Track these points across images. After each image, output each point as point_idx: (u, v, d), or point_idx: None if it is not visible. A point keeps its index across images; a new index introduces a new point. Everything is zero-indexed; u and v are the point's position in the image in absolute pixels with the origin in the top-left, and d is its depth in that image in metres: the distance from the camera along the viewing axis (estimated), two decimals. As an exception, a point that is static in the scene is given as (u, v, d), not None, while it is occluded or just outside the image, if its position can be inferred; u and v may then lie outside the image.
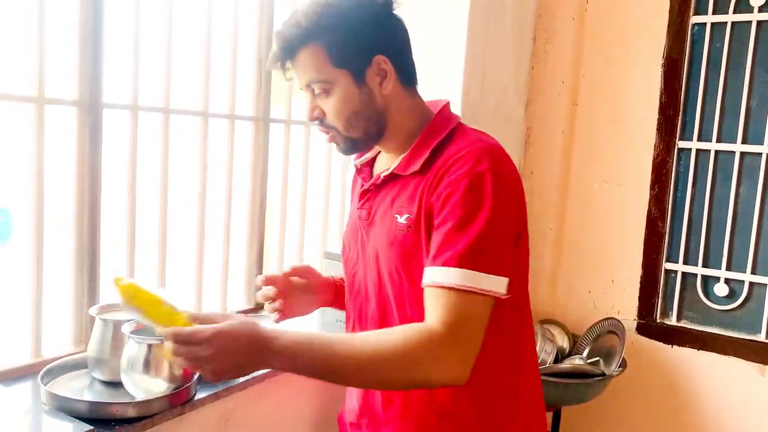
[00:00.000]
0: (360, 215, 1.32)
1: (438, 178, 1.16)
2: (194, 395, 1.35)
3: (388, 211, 1.25)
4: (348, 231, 1.41)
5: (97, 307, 1.41)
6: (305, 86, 1.19)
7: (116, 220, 1.65)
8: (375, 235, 1.28)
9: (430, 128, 1.24)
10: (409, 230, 1.20)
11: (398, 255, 1.22)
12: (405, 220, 1.20)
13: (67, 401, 1.21)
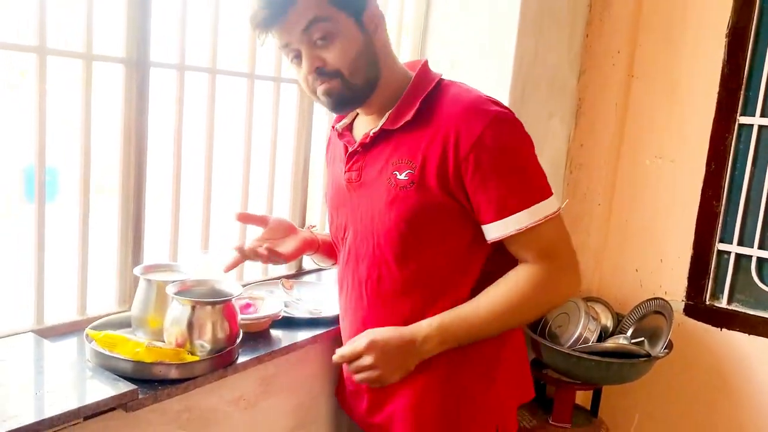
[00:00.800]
0: (349, 179, 1.30)
1: (454, 140, 1.16)
2: (236, 358, 1.34)
3: (383, 170, 1.23)
4: (333, 198, 1.39)
5: (141, 267, 1.41)
6: (303, 30, 1.14)
7: (161, 179, 1.64)
8: (368, 196, 1.27)
9: (414, 83, 1.24)
10: (412, 185, 1.20)
11: (401, 212, 1.21)
12: (406, 176, 1.20)
13: (111, 359, 1.21)
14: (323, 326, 1.57)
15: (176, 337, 1.27)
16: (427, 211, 1.21)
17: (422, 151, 1.19)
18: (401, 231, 1.23)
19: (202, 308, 1.27)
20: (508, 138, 1.18)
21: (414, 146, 1.21)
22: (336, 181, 1.38)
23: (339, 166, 1.37)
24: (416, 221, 1.22)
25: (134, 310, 1.38)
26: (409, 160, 1.20)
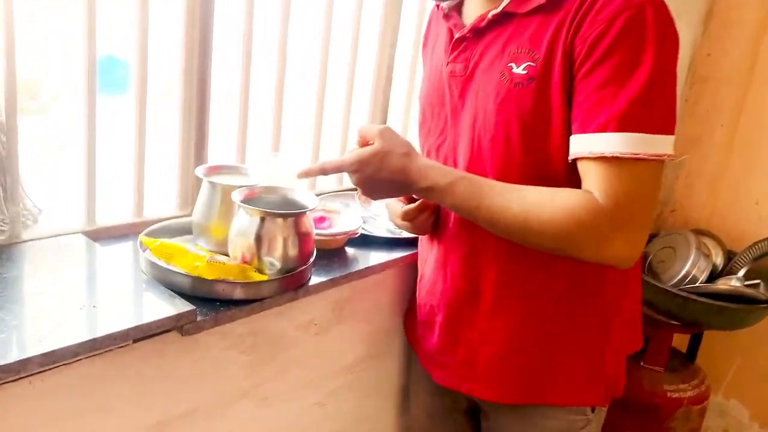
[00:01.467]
0: (452, 72, 1.07)
1: (580, 15, 0.91)
2: (309, 279, 1.16)
3: (497, 60, 1.00)
4: (429, 95, 1.16)
5: (204, 168, 1.22)
6: None
7: (229, 68, 1.43)
8: (476, 92, 1.03)
9: None
10: (531, 82, 0.96)
11: (512, 114, 0.98)
12: (525, 69, 0.97)
13: (167, 272, 1.05)
14: (403, 248, 1.38)
15: (242, 252, 1.09)
16: (542, 118, 0.97)
17: (548, 40, 0.94)
18: (507, 139, 1.00)
19: (272, 220, 1.08)
20: (652, 33, 0.88)
21: (539, 33, 0.96)
22: (434, 75, 1.15)
23: (440, 57, 1.13)
24: (527, 129, 0.98)
25: (195, 216, 1.21)
26: (531, 49, 0.96)
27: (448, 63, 1.08)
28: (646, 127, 0.88)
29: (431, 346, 1.22)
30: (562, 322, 1.10)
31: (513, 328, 1.11)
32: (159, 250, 1.07)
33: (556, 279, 1.08)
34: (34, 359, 0.81)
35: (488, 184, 0.98)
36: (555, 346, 1.11)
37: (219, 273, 1.03)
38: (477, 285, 1.12)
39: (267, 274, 1.09)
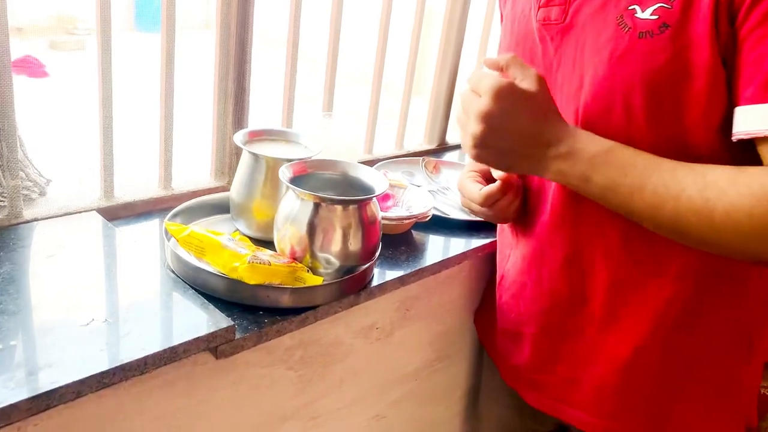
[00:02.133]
0: (546, 17, 0.82)
1: None
2: (371, 280, 0.93)
3: (608, 5, 0.76)
4: (507, 49, 0.90)
5: (244, 133, 0.99)
6: None
7: (271, 15, 1.17)
8: (580, 46, 0.78)
9: None
10: (664, 31, 0.71)
11: (635, 74, 0.73)
12: (654, 13, 0.72)
13: (199, 272, 0.83)
14: (482, 233, 1.14)
15: (291, 244, 0.86)
16: (679, 79, 0.71)
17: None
18: (628, 109, 0.74)
19: (330, 208, 0.85)
20: None
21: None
22: (520, 25, 0.88)
23: (527, 2, 0.86)
24: (656, 94, 0.73)
25: (234, 193, 0.98)
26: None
27: (540, 7, 0.82)
28: None
29: (520, 361, 0.99)
30: (691, 338, 0.86)
31: (630, 345, 0.87)
32: (188, 241, 0.85)
33: (685, 285, 0.83)
34: (20, 405, 0.61)
35: (653, 157, 0.71)
36: (683, 368, 0.87)
37: (263, 277, 0.81)
38: (583, 291, 0.88)
39: (322, 274, 0.87)
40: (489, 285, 1.15)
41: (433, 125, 1.52)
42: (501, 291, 1.02)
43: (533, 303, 0.95)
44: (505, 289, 1.01)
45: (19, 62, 5.41)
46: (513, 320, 0.99)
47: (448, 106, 1.51)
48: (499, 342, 1.05)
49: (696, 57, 0.69)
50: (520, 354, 0.99)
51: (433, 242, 1.09)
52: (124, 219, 1.01)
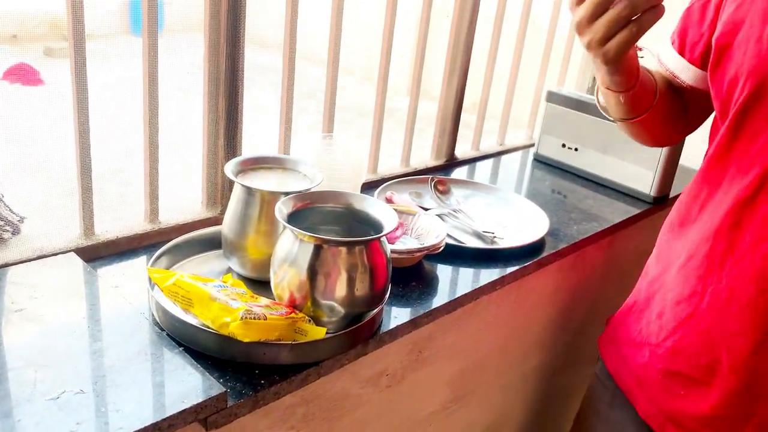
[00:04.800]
0: None
1: None
2: (380, 327, 0.83)
3: None
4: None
5: (236, 163, 0.89)
6: None
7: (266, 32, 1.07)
8: None
9: None
10: None
11: None
12: None
13: (182, 325, 0.73)
14: (502, 262, 1.04)
15: (290, 290, 0.76)
16: None
17: None
18: None
19: (333, 250, 0.75)
20: None
21: None
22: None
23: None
24: None
25: (226, 228, 0.89)
26: None
27: None
28: None
29: (694, 410, 0.85)
30: None
31: None
32: (174, 291, 0.76)
33: None
34: None
35: None
36: None
37: (258, 333, 0.71)
38: None
39: (325, 324, 0.77)
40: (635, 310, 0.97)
41: (441, 140, 1.42)
42: (678, 317, 0.86)
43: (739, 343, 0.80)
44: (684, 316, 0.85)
45: (14, 70, 5.31)
46: (695, 364, 0.84)
47: (456, 119, 1.41)
48: (655, 380, 0.89)
49: None
50: (705, 399, 0.84)
51: (446, 274, 0.99)
52: (106, 258, 0.91)
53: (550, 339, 1.31)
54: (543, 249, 1.11)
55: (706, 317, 0.82)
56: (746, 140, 0.78)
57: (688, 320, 0.85)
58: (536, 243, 1.10)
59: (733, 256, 0.79)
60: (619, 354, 0.97)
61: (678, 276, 0.86)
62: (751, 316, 0.77)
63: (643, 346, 0.91)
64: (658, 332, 0.89)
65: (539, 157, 1.53)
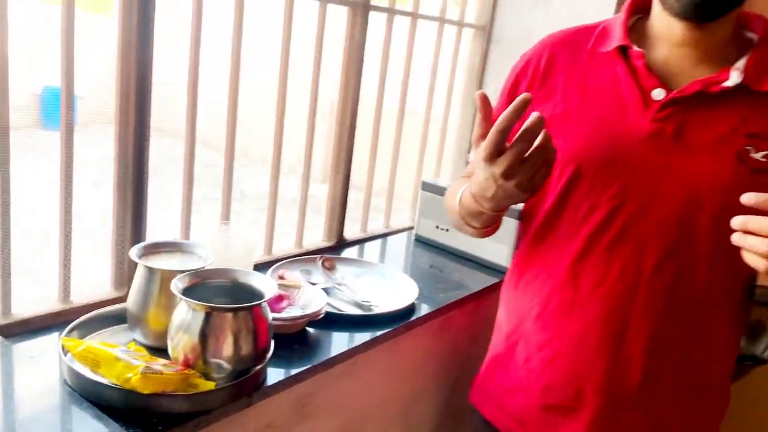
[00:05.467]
0: (659, 131, 0.94)
1: None
2: (264, 381, 0.99)
3: (727, 137, 0.92)
4: (596, 154, 0.98)
5: (141, 247, 1.05)
6: None
7: (171, 125, 1.26)
8: (690, 165, 0.93)
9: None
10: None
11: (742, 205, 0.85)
12: (764, 158, 0.90)
13: (91, 384, 0.87)
14: (376, 326, 1.22)
15: (184, 352, 0.92)
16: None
17: None
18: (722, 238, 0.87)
19: (220, 316, 0.91)
20: None
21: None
22: (611, 127, 0.98)
23: (616, 106, 0.98)
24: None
25: (130, 304, 1.03)
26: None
27: (654, 120, 0.94)
28: None
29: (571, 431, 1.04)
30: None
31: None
32: (84, 355, 0.89)
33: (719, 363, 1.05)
34: None
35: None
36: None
37: (156, 386, 0.86)
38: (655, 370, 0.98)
39: (215, 379, 0.92)
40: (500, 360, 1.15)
41: (331, 223, 1.62)
42: (547, 365, 1.04)
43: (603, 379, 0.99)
44: (553, 363, 1.03)
45: None
46: (569, 396, 1.02)
47: (343, 205, 1.62)
48: (533, 418, 1.07)
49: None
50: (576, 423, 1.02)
51: (326, 338, 1.16)
52: (22, 335, 1.03)
53: (428, 395, 1.48)
54: (412, 314, 1.30)
55: (568, 355, 1.02)
56: (572, 210, 1.00)
57: (553, 361, 1.03)
58: (406, 309, 1.29)
59: (579, 303, 1.00)
60: (495, 403, 1.13)
61: (536, 325, 1.05)
62: (602, 348, 0.98)
63: (518, 391, 1.09)
64: (529, 376, 1.07)
65: (418, 237, 1.76)
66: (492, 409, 1.15)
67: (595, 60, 1.01)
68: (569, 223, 1.00)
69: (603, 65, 1.00)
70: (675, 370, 0.99)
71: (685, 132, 0.93)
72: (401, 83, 1.74)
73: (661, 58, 0.97)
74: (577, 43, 1.04)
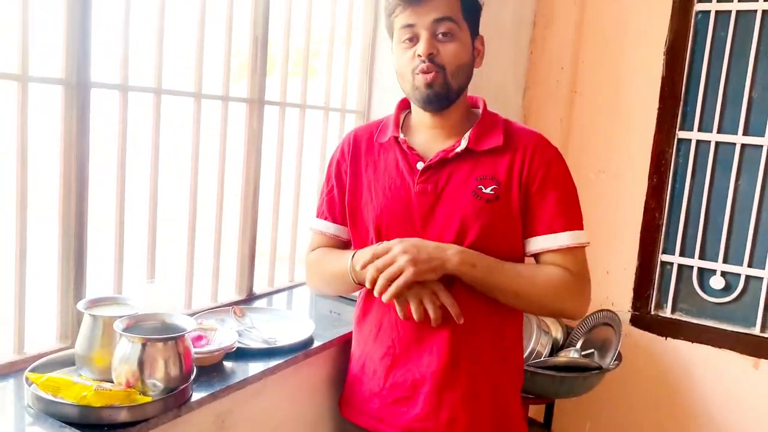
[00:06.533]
0: (423, 190, 1.37)
1: (530, 157, 1.33)
2: (190, 396, 1.27)
3: (465, 184, 1.34)
4: (390, 211, 1.40)
5: (85, 302, 1.32)
6: (434, 21, 1.29)
7: (104, 206, 1.56)
8: (446, 209, 1.35)
9: (487, 114, 1.41)
10: (497, 200, 1.32)
11: (485, 222, 1.32)
12: (492, 190, 1.33)
13: (55, 405, 1.13)
14: (280, 356, 1.52)
15: (126, 377, 1.19)
16: (505, 223, 1.34)
17: (505, 170, 1.34)
18: (486, 241, 1.32)
19: (153, 345, 1.20)
20: (566, 169, 1.39)
21: (497, 166, 1.34)
22: (396, 193, 1.39)
23: (394, 177, 1.40)
24: (494, 232, 1.33)
25: (78, 348, 1.30)
26: (493, 176, 1.33)
27: (418, 183, 1.36)
28: (580, 226, 1.37)
29: (412, 416, 1.41)
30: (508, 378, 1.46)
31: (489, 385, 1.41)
32: (46, 384, 1.16)
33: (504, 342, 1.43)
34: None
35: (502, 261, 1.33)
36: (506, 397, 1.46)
37: (106, 399, 1.13)
38: (458, 355, 1.38)
39: (151, 395, 1.20)
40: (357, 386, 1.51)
41: (241, 279, 1.92)
42: (390, 372, 1.43)
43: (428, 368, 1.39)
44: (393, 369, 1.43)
45: None
46: (408, 387, 1.41)
47: (251, 263, 1.92)
48: (384, 411, 1.44)
49: (510, 213, 1.32)
50: (412, 411, 1.40)
51: (239, 367, 1.46)
52: (-16, 381, 1.27)
53: (329, 413, 1.77)
54: (310, 345, 1.61)
55: (402, 357, 1.42)
56: None
57: (394, 365, 1.43)
58: (304, 341, 1.60)
59: (399, 322, 1.40)
60: (358, 410, 1.52)
61: (376, 344, 1.44)
62: (423, 346, 1.38)
63: (372, 397, 1.46)
64: (378, 382, 1.45)
65: (318, 287, 2.08)
66: (355, 414, 1.53)
67: (381, 146, 1.45)
68: None
69: (387, 150, 1.43)
70: (471, 353, 1.38)
71: (439, 185, 1.35)
72: (296, 160, 2.09)
73: (420, 139, 1.42)
74: (369, 135, 1.48)
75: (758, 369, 2.28)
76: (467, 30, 1.33)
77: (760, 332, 2.29)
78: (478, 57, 1.39)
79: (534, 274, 1.33)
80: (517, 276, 1.32)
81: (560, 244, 1.33)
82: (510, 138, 1.36)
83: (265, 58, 1.83)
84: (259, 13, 1.80)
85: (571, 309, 1.35)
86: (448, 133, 1.39)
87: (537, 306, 1.36)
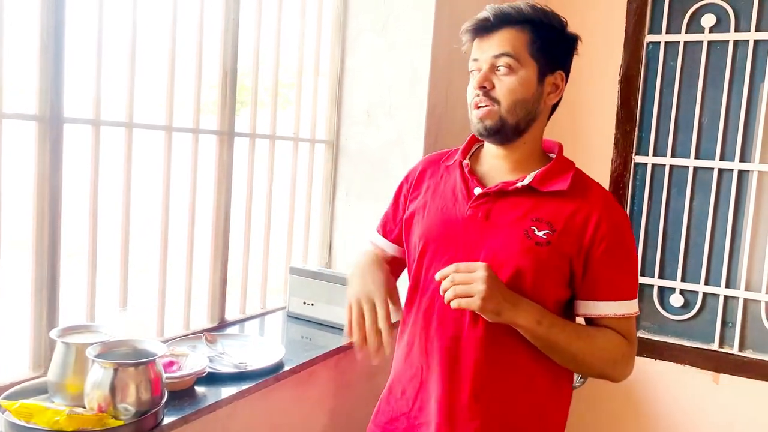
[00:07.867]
0: (474, 215, 1.34)
1: (597, 217, 1.28)
2: (162, 420, 1.31)
3: (519, 221, 1.30)
4: (436, 231, 1.39)
5: (58, 330, 1.36)
6: (494, 56, 1.28)
7: (77, 237, 1.60)
8: (494, 238, 1.32)
9: (561, 159, 1.36)
10: (548, 246, 1.27)
11: (531, 263, 1.28)
12: (544, 235, 1.28)
13: (27, 431, 1.16)
14: (250, 380, 1.56)
15: (98, 402, 1.23)
16: (551, 271, 1.29)
17: (564, 219, 1.28)
18: (524, 281, 1.28)
19: (124, 370, 1.24)
20: (632, 236, 1.35)
21: (556, 212, 1.29)
22: (446, 214, 1.39)
23: (449, 199, 1.40)
24: (539, 276, 1.28)
25: (51, 375, 1.33)
26: (549, 221, 1.29)
27: (470, 207, 1.35)
28: (637, 295, 1.32)
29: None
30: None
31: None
32: (19, 411, 1.19)
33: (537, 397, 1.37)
34: None
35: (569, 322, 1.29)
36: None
37: (78, 424, 1.16)
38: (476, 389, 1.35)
39: (123, 419, 1.23)
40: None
41: (213, 307, 1.96)
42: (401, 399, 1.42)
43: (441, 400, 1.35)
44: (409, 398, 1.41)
45: None
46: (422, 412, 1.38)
47: (223, 291, 1.97)
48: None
49: (558, 263, 1.27)
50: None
51: (210, 391, 1.49)
52: (-42, 410, 1.30)
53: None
54: (281, 369, 1.65)
55: (428, 380, 1.39)
56: (423, 274, 1.41)
57: (422, 387, 1.40)
58: (274, 365, 1.65)
59: (430, 344, 1.38)
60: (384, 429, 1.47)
61: (405, 365, 1.43)
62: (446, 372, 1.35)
63: (399, 417, 1.45)
64: (407, 403, 1.43)
65: (290, 313, 2.13)
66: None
67: (446, 169, 1.46)
68: (423, 285, 1.40)
69: (450, 173, 1.44)
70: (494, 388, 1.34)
71: (491, 216, 1.34)
72: (267, 191, 2.15)
73: (484, 167, 1.41)
74: (438, 158, 1.50)
75: (718, 383, 2.36)
76: (533, 66, 1.29)
77: (718, 347, 2.37)
78: (552, 93, 1.33)
79: (593, 336, 1.30)
80: (576, 337, 1.28)
81: (621, 312, 1.30)
82: (578, 188, 1.31)
83: (234, 92, 1.90)
84: (228, 48, 1.87)
85: (621, 375, 1.33)
86: (513, 167, 1.36)
87: (588, 367, 1.32)
